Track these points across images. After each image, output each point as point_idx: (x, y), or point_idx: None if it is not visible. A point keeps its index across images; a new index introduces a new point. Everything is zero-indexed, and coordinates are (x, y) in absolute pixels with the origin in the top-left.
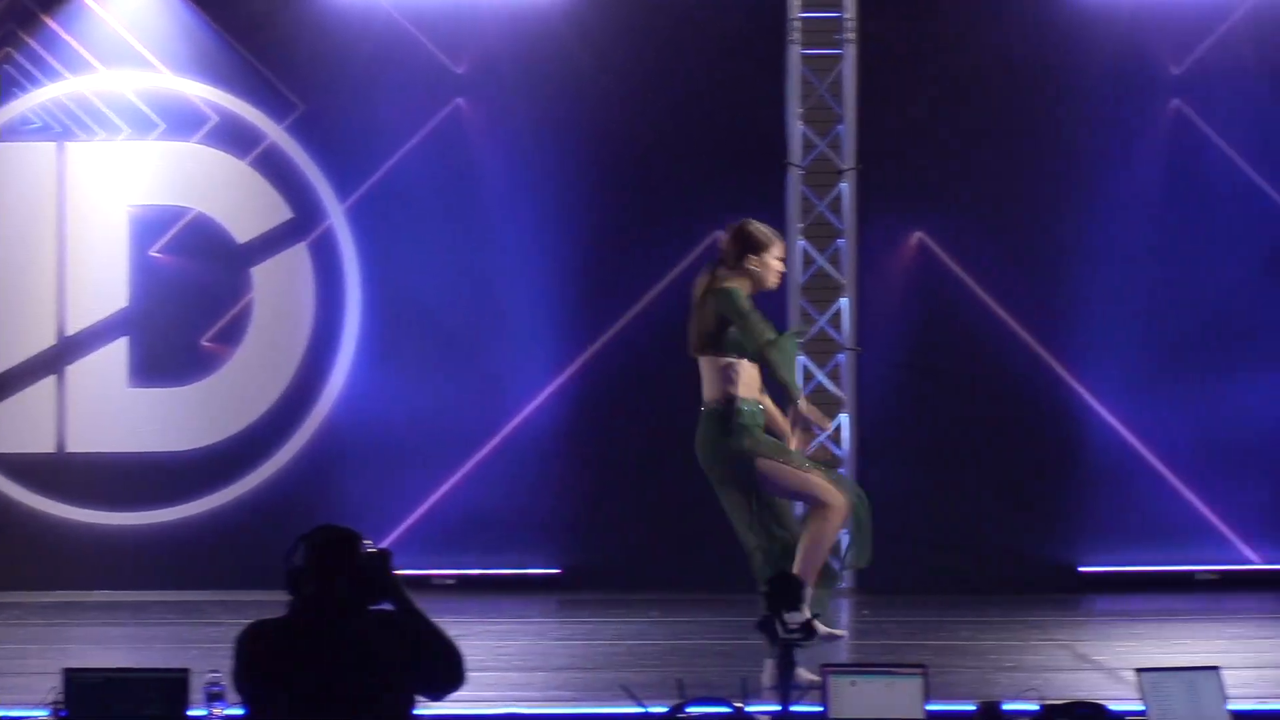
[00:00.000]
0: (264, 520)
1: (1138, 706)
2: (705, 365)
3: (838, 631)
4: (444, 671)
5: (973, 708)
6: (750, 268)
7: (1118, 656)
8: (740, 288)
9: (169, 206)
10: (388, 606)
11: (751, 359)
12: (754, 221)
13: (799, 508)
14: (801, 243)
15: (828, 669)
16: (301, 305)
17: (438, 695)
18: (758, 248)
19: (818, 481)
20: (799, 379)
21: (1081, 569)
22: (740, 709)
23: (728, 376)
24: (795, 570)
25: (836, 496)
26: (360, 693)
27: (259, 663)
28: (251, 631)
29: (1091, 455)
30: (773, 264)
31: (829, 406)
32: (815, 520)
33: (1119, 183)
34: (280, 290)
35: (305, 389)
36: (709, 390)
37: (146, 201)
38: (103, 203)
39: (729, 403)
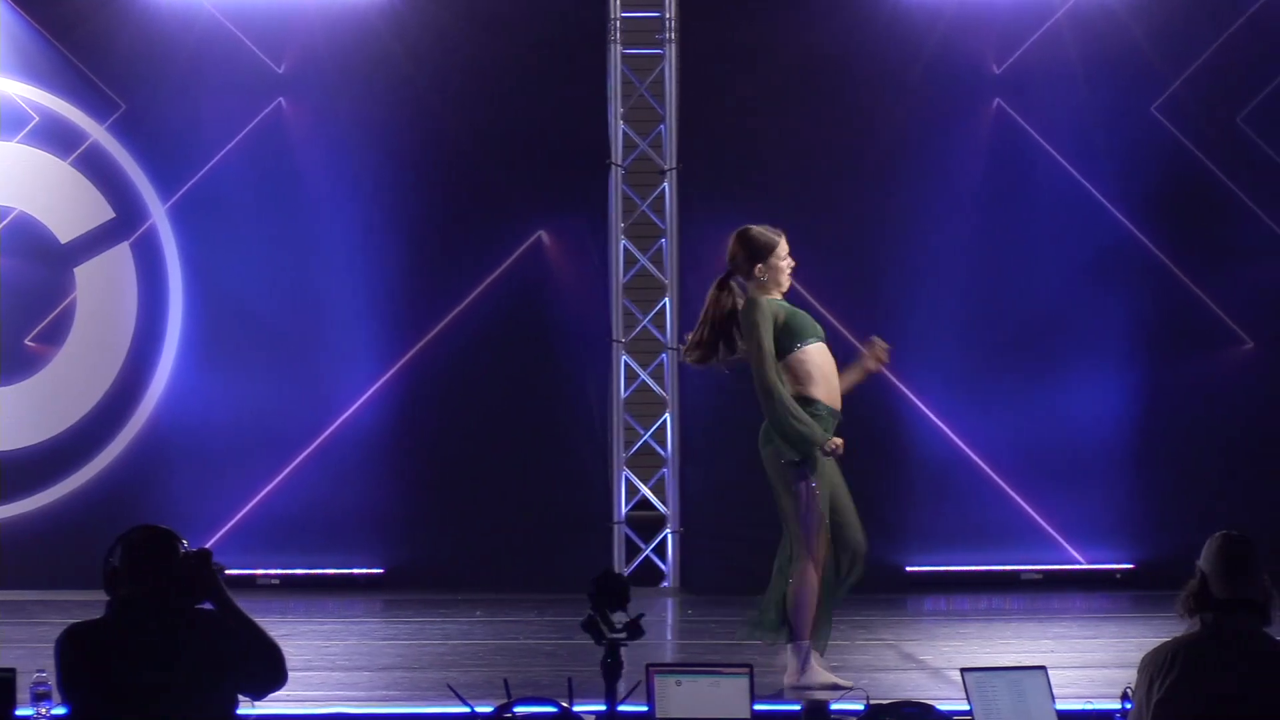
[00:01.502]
0: (88, 520)
1: (963, 706)
2: None
3: (843, 683)
4: (264, 670)
5: (798, 707)
6: (761, 278)
7: (943, 656)
8: (759, 298)
9: None
10: (208, 606)
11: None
12: (753, 227)
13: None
14: (624, 242)
15: (653, 668)
16: (124, 305)
17: (259, 694)
18: (764, 253)
19: (822, 544)
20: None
21: (909, 569)
22: (567, 709)
23: (799, 375)
24: (793, 631)
25: (821, 564)
26: (181, 692)
27: (79, 664)
28: (70, 633)
29: (917, 455)
30: (781, 265)
31: (652, 406)
32: (800, 580)
33: (941, 181)
34: (103, 290)
35: (128, 389)
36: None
37: None
38: None
39: (807, 403)
